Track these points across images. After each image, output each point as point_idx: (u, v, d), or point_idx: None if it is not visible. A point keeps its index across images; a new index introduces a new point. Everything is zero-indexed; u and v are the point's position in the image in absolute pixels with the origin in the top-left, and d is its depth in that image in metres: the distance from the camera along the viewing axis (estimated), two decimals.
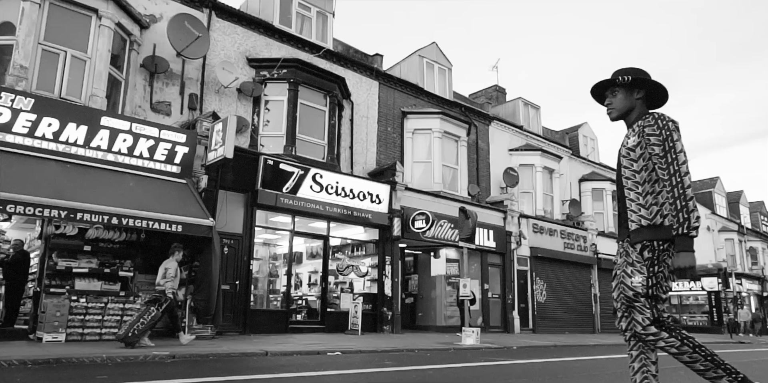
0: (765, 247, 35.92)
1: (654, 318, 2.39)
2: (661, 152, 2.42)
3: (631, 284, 2.43)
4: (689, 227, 2.27)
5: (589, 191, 22.17)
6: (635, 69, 2.68)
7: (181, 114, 11.25)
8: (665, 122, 2.46)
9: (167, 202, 9.23)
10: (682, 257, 2.29)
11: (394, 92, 15.94)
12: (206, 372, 5.35)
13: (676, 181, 2.34)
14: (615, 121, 2.70)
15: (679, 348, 2.33)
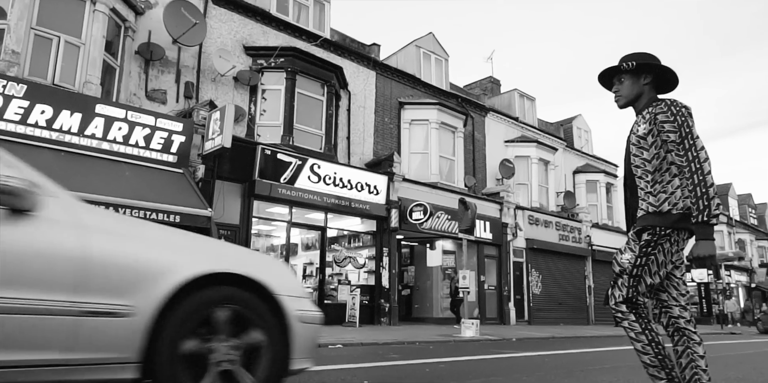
0: (753, 239, 36.38)
1: (627, 297, 2.37)
2: (678, 139, 2.33)
3: (620, 260, 2.43)
4: (710, 214, 2.19)
5: (584, 183, 22.21)
6: (642, 54, 2.59)
7: (176, 102, 11.03)
8: (679, 108, 2.37)
9: (164, 192, 9.05)
10: (702, 246, 2.22)
11: (391, 82, 15.77)
12: None
13: (696, 167, 2.25)
14: (623, 108, 2.62)
15: (637, 335, 2.33)
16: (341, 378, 4.20)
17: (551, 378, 4.51)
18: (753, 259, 35.20)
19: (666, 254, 2.37)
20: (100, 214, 2.39)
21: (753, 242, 36.24)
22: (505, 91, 21.81)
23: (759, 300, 30.73)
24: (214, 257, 2.53)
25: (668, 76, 2.55)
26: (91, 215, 2.26)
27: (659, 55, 2.65)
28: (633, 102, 2.59)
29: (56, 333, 1.97)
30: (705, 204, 2.20)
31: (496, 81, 23.45)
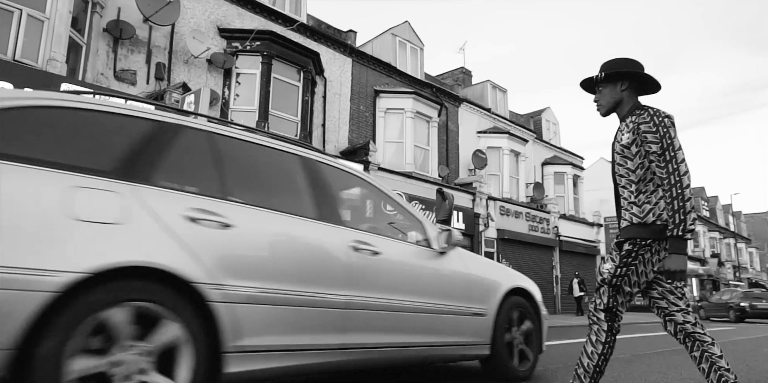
0: (705, 231, 37.94)
1: (607, 306, 2.40)
2: (659, 151, 2.31)
3: (602, 269, 2.47)
4: (684, 229, 2.21)
5: (552, 174, 22.58)
6: (618, 60, 2.56)
7: (147, 84, 10.55)
8: (661, 119, 2.35)
9: None
10: (674, 260, 2.24)
11: (367, 70, 15.55)
12: None
13: (675, 180, 2.25)
14: (605, 116, 2.59)
15: (594, 342, 2.39)
16: None
17: (562, 370, 4.51)
18: (705, 250, 36.73)
19: (647, 264, 2.36)
20: (462, 250, 3.65)
21: (705, 233, 37.80)
22: (478, 82, 21.88)
23: (711, 289, 32.05)
24: (510, 276, 3.96)
25: (646, 80, 2.53)
26: (460, 250, 3.60)
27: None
28: (614, 109, 2.57)
29: (463, 326, 3.39)
30: (681, 218, 2.21)
31: (467, 72, 23.48)
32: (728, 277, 39.27)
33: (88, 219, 1.96)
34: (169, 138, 2.44)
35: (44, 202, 1.88)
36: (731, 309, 20.27)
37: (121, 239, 2.00)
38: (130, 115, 2.41)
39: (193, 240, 2.19)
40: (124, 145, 2.30)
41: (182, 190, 2.36)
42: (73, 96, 2.32)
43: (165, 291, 2.06)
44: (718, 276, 36.74)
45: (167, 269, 2.06)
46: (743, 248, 45.92)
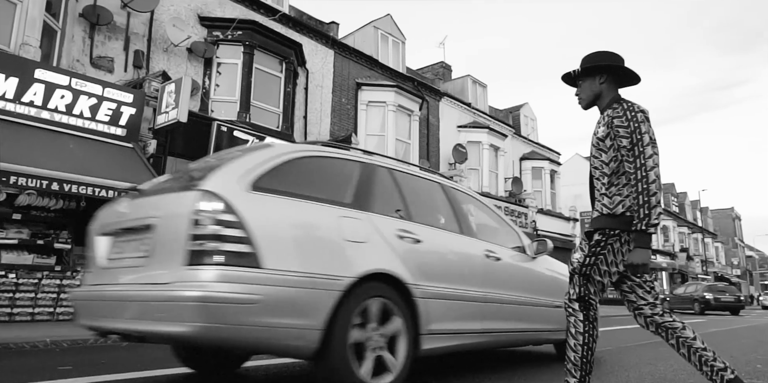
0: (675, 225, 38.93)
1: (580, 295, 2.42)
2: (629, 145, 2.35)
3: (571, 259, 2.49)
4: (648, 223, 2.25)
5: (529, 169, 22.81)
6: (597, 53, 2.59)
7: (125, 72, 10.24)
8: (634, 113, 2.38)
9: (113, 167, 8.41)
10: (638, 254, 2.29)
11: (349, 63, 15.40)
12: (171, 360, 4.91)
13: (641, 175, 2.28)
14: (586, 109, 2.62)
15: (576, 333, 2.40)
16: None
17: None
18: (675, 244, 37.69)
19: (616, 254, 2.39)
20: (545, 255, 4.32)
21: (675, 228, 38.78)
22: (458, 76, 21.91)
23: (680, 283, 32.92)
24: (558, 272, 4.54)
25: (625, 72, 2.55)
26: (544, 255, 4.33)
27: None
28: (593, 103, 2.59)
29: (551, 316, 4.17)
30: (645, 213, 2.25)
31: (447, 66, 23.47)
32: (696, 271, 40.43)
33: (351, 239, 2.80)
34: (374, 175, 3.29)
35: (327, 228, 2.75)
36: (696, 301, 20.94)
37: (368, 253, 2.85)
38: (355, 160, 3.29)
39: (403, 253, 3.03)
40: (354, 182, 3.14)
41: (389, 215, 3.17)
42: (324, 148, 3.19)
43: (391, 290, 2.88)
44: (686, 270, 37.77)
45: (393, 274, 2.88)
46: (710, 242, 47.31)
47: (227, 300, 2.27)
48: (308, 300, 2.49)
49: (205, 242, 2.34)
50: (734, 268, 53.25)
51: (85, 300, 2.89)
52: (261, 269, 2.39)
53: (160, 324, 2.32)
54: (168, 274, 2.37)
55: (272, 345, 2.49)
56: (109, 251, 2.92)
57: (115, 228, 2.90)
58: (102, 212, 3.17)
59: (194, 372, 3.59)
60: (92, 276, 2.98)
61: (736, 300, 21.10)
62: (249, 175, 2.61)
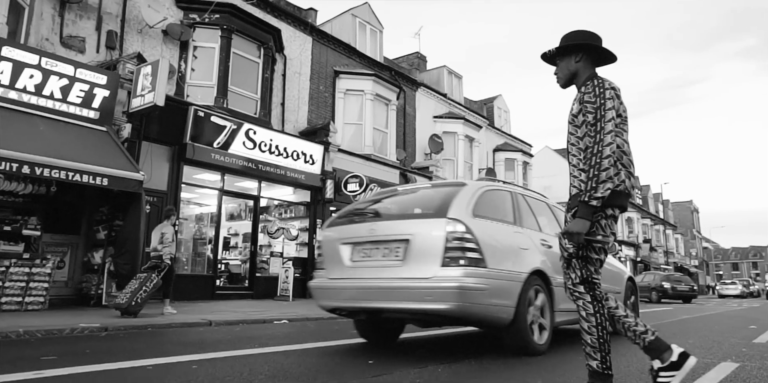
0: (639, 217, 40.06)
1: (583, 277, 2.45)
2: (593, 120, 2.39)
3: (565, 245, 2.49)
4: (592, 196, 2.31)
5: (503, 160, 23.05)
6: (574, 32, 2.61)
7: (97, 53, 9.82)
8: (602, 90, 2.41)
9: (87, 151, 8.08)
10: (576, 223, 2.35)
11: (327, 50, 15.17)
12: (163, 347, 4.79)
13: (597, 150, 2.33)
14: (564, 87, 2.66)
15: (587, 315, 2.41)
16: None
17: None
18: (638, 235, 38.81)
19: (605, 229, 2.43)
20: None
21: (639, 220, 39.92)
22: (434, 67, 21.87)
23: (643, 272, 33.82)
24: (626, 269, 6.08)
25: (600, 51, 2.58)
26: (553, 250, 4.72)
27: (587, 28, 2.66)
28: (571, 81, 2.63)
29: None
30: (593, 186, 2.31)
31: (422, 57, 23.39)
32: (659, 261, 41.77)
33: (522, 247, 4.20)
34: (518, 200, 4.70)
35: (511, 240, 4.15)
36: (653, 290, 21.70)
37: (531, 257, 4.20)
38: (506, 190, 4.73)
39: (545, 255, 4.38)
40: (510, 206, 4.53)
41: (532, 229, 4.61)
42: (492, 183, 4.65)
43: (540, 281, 4.20)
44: (649, 260, 38.99)
45: (543, 270, 4.22)
46: (671, 234, 48.90)
47: (471, 289, 3.54)
48: (509, 288, 3.82)
49: (454, 251, 3.61)
50: (692, 259, 55.27)
51: (330, 289, 4.16)
52: (487, 268, 3.68)
53: (427, 303, 3.58)
54: (428, 272, 3.56)
55: (488, 318, 3.76)
56: (351, 256, 4.12)
57: (359, 240, 4.10)
58: (341, 229, 4.32)
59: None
60: (334, 272, 4.19)
61: (690, 289, 22.21)
62: (469, 206, 3.92)
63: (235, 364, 3.44)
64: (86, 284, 8.86)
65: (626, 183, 2.46)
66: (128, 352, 4.08)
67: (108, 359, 3.58)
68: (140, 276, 7.22)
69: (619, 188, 2.43)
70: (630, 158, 2.51)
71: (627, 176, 2.47)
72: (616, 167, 2.42)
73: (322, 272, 4.33)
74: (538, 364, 3.64)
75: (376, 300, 3.78)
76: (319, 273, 4.37)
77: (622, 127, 2.48)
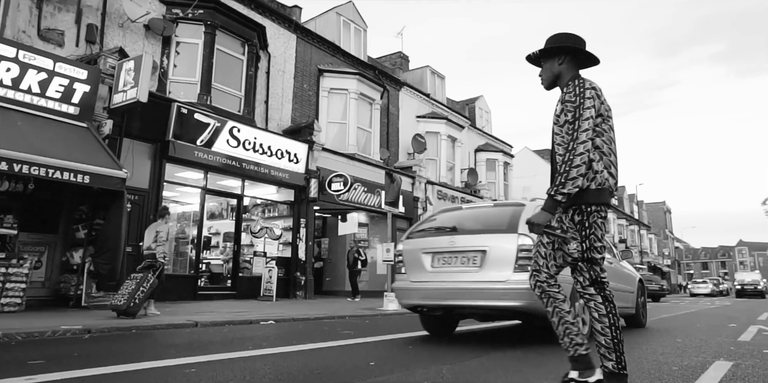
0: (615, 217, 40.75)
1: (593, 279, 2.47)
2: (571, 119, 2.43)
3: (568, 250, 2.50)
4: (558, 191, 2.35)
5: (484, 161, 23.17)
6: (558, 35, 2.64)
7: (76, 46, 9.55)
8: (582, 90, 2.45)
9: (68, 147, 7.84)
10: (539, 214, 2.41)
11: (311, 48, 15.04)
12: (154, 350, 4.67)
13: (571, 147, 2.37)
14: (548, 89, 2.69)
15: (600, 316, 2.42)
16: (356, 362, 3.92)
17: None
18: (614, 235, 39.47)
19: (602, 227, 2.47)
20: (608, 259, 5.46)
21: (615, 220, 40.61)
22: (417, 67, 21.88)
23: None
24: (636, 272, 7.26)
25: (582, 54, 2.60)
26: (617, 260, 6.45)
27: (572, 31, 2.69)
28: (554, 83, 2.65)
29: (627, 298, 6.36)
30: (561, 181, 2.36)
31: (405, 56, 23.38)
32: (634, 261, 42.55)
33: None
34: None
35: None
36: None
37: None
38: None
39: None
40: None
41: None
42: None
43: None
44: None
45: None
46: (645, 234, 49.86)
47: None
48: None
49: (524, 260, 4.25)
50: (665, 258, 56.48)
51: (412, 290, 5.03)
52: None
53: (503, 301, 4.40)
54: (502, 276, 4.19)
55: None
56: (432, 263, 4.96)
57: (439, 250, 4.93)
58: (421, 240, 5.17)
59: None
60: (415, 276, 5.07)
61: (660, 288, 23.03)
62: None
63: (234, 367, 3.35)
64: (64, 284, 8.60)
65: (610, 181, 2.48)
66: (119, 355, 3.95)
67: (100, 363, 3.46)
68: (136, 276, 7.11)
69: (604, 186, 2.45)
70: (611, 159, 2.50)
71: (609, 175, 2.49)
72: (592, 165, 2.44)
73: (403, 276, 5.21)
74: (545, 363, 3.63)
75: (455, 298, 4.61)
76: (401, 277, 5.26)
77: (603, 127, 2.49)
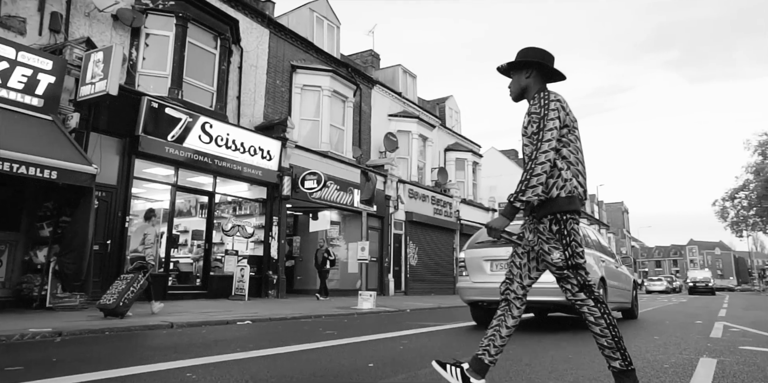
0: None
1: (581, 284, 2.51)
2: (536, 130, 2.50)
3: (552, 260, 2.53)
4: (517, 198, 2.43)
5: (453, 160, 23.34)
6: (528, 49, 2.71)
7: (39, 35, 9.11)
8: (547, 101, 2.53)
9: (32, 141, 7.47)
10: (497, 220, 2.49)
11: (284, 44, 14.81)
12: (138, 353, 4.50)
13: (534, 156, 2.45)
14: (516, 101, 2.77)
15: (596, 319, 2.46)
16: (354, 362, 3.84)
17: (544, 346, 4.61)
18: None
19: (579, 233, 2.53)
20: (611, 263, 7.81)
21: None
22: (389, 66, 21.87)
23: None
24: (631, 273, 9.51)
25: (549, 69, 2.67)
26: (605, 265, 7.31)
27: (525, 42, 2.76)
28: (522, 95, 2.72)
29: (625, 295, 8.33)
30: (521, 189, 2.42)
31: (376, 55, 23.35)
32: None
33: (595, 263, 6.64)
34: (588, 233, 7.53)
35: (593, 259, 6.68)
36: None
37: (599, 269, 6.76)
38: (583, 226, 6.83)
39: (602, 268, 6.96)
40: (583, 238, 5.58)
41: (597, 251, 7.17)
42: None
43: (602, 282, 6.73)
44: None
45: (603, 276, 6.82)
46: (604, 233, 51.29)
47: None
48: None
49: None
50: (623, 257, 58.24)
51: (475, 288, 6.70)
52: None
53: (548, 297, 5.60)
54: (549, 279, 4.23)
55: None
56: (491, 268, 6.66)
57: (497, 258, 6.56)
58: (481, 250, 6.88)
59: None
60: (476, 277, 6.80)
61: None
62: None
63: (230, 370, 3.24)
64: (27, 285, 8.19)
65: (579, 190, 2.54)
66: (103, 360, 3.77)
67: (86, 368, 3.28)
68: (126, 277, 7.01)
69: (573, 194, 2.50)
70: (578, 168, 2.56)
71: (578, 183, 2.54)
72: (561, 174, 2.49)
73: (466, 278, 6.95)
74: (548, 364, 3.64)
75: None
76: (464, 279, 7.00)
77: (569, 137, 2.55)
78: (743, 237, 52.61)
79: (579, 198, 2.53)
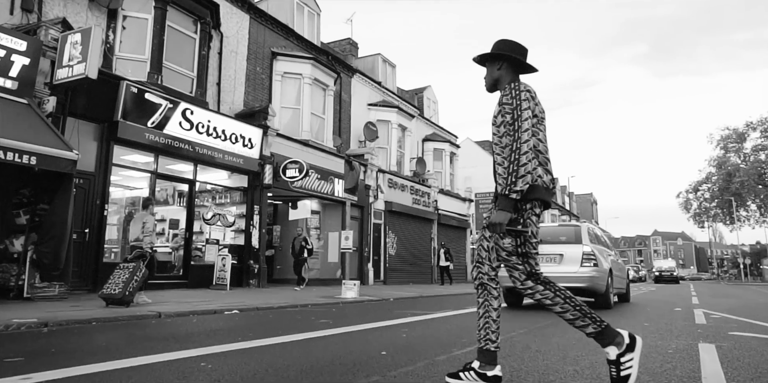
0: (558, 214, 42.49)
1: (528, 272, 2.54)
2: (511, 120, 2.53)
3: (503, 245, 2.56)
4: (512, 189, 2.44)
5: (431, 150, 23.39)
6: (501, 42, 2.77)
7: (10, 15, 8.69)
8: (518, 92, 2.57)
9: (8, 125, 7.15)
10: (498, 215, 2.48)
11: (265, 30, 14.51)
12: (138, 344, 4.39)
13: (516, 146, 2.47)
14: (490, 92, 2.83)
15: (552, 300, 2.49)
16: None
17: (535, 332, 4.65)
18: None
19: (536, 224, 2.56)
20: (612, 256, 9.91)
21: (549, 211, 42.36)
22: (369, 54, 21.68)
23: None
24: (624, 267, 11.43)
25: (519, 61, 2.73)
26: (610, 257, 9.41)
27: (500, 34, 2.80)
28: (494, 87, 2.78)
29: (622, 282, 10.16)
30: (512, 180, 2.43)
31: (354, 43, 23.13)
32: None
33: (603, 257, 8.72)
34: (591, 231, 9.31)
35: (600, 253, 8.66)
36: None
37: (606, 262, 8.60)
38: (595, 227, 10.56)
39: (608, 260, 8.88)
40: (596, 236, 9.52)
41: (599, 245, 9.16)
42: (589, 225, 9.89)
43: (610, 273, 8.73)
44: None
45: (610, 267, 8.62)
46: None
47: (594, 276, 8.07)
48: (605, 277, 8.21)
49: (586, 261, 8.16)
50: None
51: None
52: (599, 267, 8.16)
53: (575, 283, 7.80)
54: (573, 269, 7.84)
55: (598, 290, 8.11)
56: None
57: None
58: None
59: None
60: None
61: None
62: (587, 237, 8.63)
63: (245, 359, 3.18)
64: (3, 274, 7.88)
65: (543, 178, 2.56)
66: (105, 350, 3.65)
67: (90, 359, 3.16)
68: (128, 266, 6.93)
69: (536, 183, 2.52)
70: (546, 156, 2.61)
71: (544, 172, 2.57)
72: (533, 164, 2.50)
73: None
74: (557, 350, 3.68)
75: None
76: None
77: (538, 127, 2.60)
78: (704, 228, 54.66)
79: (544, 187, 2.55)
